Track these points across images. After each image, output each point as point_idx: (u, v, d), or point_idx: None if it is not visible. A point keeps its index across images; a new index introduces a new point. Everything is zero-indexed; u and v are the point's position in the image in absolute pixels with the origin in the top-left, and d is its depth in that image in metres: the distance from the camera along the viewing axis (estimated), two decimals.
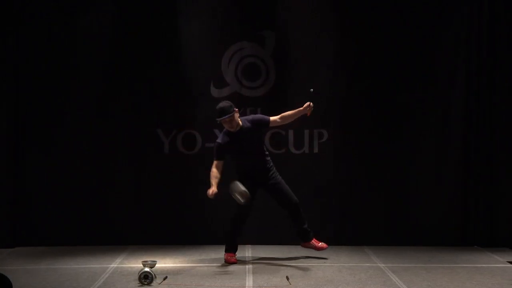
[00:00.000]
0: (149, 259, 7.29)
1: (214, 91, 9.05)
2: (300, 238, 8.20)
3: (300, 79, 8.96)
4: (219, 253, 8.46)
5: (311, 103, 7.86)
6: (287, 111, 8.79)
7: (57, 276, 7.40)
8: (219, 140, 7.95)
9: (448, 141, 9.02)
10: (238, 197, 7.68)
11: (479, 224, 8.98)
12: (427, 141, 9.02)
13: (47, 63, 8.91)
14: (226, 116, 7.76)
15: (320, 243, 8.16)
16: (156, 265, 7.21)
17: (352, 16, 9.00)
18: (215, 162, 7.90)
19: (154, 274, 7.01)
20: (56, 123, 8.94)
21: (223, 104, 7.86)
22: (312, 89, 7.93)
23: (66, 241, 8.87)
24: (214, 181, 7.80)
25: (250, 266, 7.87)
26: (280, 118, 7.99)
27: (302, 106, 7.89)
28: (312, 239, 8.16)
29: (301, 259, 8.16)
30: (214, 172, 7.86)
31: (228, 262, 8.00)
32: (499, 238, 8.95)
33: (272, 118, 7.98)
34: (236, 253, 8.13)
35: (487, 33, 8.90)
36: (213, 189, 7.73)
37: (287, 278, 7.20)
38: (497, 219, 8.97)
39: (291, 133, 9.04)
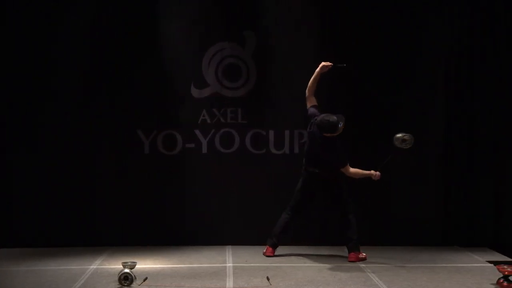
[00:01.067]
0: (129, 260, 7.25)
1: (195, 92, 9.03)
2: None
3: (280, 80, 8.97)
4: (200, 254, 8.47)
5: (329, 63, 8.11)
6: (268, 111, 8.85)
7: (37, 278, 7.35)
8: (341, 147, 8.07)
9: (429, 141, 9.05)
10: (403, 145, 7.95)
11: (459, 224, 9.02)
12: None
13: (29, 63, 8.84)
14: (342, 123, 7.97)
15: None
16: (136, 266, 7.19)
17: (334, 18, 9.00)
18: (349, 165, 8.08)
19: (134, 275, 6.98)
20: (35, 124, 8.88)
21: (329, 117, 7.92)
22: (344, 64, 8.20)
23: (45, 243, 8.81)
24: (364, 171, 8.10)
25: (231, 267, 7.86)
26: (309, 97, 8.20)
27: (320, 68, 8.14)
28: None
29: (282, 260, 8.15)
30: (356, 169, 8.13)
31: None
32: (479, 238, 9.00)
33: (311, 104, 8.20)
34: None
35: (467, 35, 8.95)
36: (375, 172, 8.04)
37: (268, 278, 7.19)
38: (477, 219, 9.01)
39: (271, 133, 9.04)
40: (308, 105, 8.23)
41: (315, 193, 8.31)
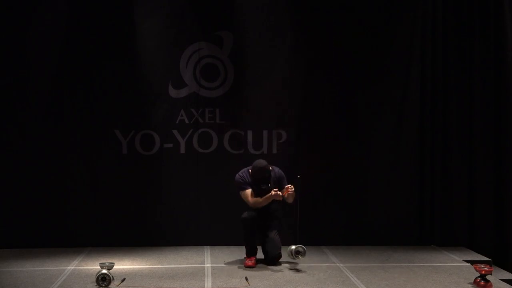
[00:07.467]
0: (106, 261, 7.24)
1: (172, 91, 9.01)
2: None
3: (257, 79, 8.98)
4: (178, 254, 8.45)
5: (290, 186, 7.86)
6: (246, 111, 8.88)
7: (13, 279, 7.30)
8: None
9: (403, 140, 9.10)
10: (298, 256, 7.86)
11: (435, 223, 9.08)
12: (383, 140, 9.08)
13: (1, 63, 8.77)
14: None
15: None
16: (114, 267, 7.17)
17: (308, 16, 9.02)
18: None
19: (112, 276, 6.95)
20: (11, 124, 8.81)
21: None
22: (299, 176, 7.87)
23: (22, 243, 8.75)
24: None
25: (209, 267, 7.85)
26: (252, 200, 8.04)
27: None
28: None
29: (260, 260, 8.14)
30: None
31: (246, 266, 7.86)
32: (455, 237, 9.06)
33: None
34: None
35: (442, 32, 9.03)
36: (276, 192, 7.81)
37: (246, 279, 7.20)
38: (453, 218, 9.07)
39: (250, 133, 9.04)
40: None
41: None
